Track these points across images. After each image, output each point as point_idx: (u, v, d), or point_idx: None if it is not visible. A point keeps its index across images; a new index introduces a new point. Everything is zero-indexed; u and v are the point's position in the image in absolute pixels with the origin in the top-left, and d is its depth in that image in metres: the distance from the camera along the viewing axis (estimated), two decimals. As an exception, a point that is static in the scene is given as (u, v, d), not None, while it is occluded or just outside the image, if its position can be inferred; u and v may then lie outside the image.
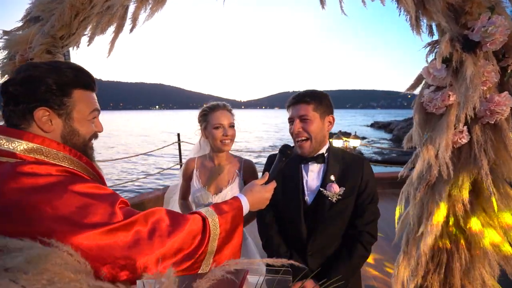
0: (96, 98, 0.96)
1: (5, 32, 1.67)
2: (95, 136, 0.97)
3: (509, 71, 1.34)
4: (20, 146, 0.79)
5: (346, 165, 1.36)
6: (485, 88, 1.35)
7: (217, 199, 1.56)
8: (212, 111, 1.63)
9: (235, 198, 0.98)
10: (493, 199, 1.33)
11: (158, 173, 9.03)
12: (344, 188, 1.30)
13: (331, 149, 1.40)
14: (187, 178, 1.77)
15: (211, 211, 0.88)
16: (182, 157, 5.15)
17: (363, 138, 26.83)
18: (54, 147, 0.83)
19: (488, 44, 1.29)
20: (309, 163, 1.39)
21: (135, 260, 0.69)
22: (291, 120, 1.38)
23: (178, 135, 5.08)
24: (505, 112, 1.32)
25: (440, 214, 1.52)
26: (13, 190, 0.70)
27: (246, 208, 0.97)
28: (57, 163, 0.83)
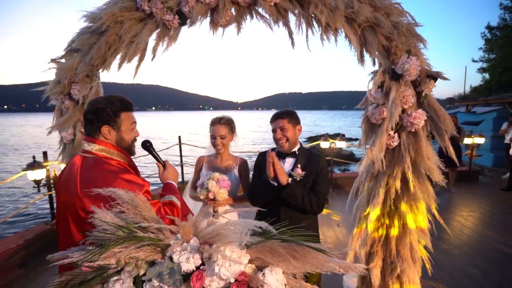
0: (133, 114, 1.49)
1: (52, 60, 2.18)
2: (135, 140, 1.52)
3: (423, 94, 1.89)
4: (94, 147, 1.34)
5: (309, 158, 2.04)
6: (406, 106, 1.89)
7: None
8: (212, 125, 2.27)
9: (169, 184, 1.59)
10: (411, 185, 1.87)
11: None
12: (305, 172, 1.95)
13: (301, 148, 2.06)
14: (198, 170, 2.39)
15: (171, 196, 1.47)
16: (183, 157, 5.65)
17: (356, 139, 27.56)
18: (111, 148, 1.37)
19: (406, 76, 1.83)
20: (286, 157, 2.06)
21: None
22: (274, 130, 2.04)
23: (179, 137, 5.59)
24: (420, 123, 1.86)
25: (380, 197, 2.06)
26: (95, 170, 1.26)
27: (174, 183, 1.61)
28: (114, 158, 1.36)
